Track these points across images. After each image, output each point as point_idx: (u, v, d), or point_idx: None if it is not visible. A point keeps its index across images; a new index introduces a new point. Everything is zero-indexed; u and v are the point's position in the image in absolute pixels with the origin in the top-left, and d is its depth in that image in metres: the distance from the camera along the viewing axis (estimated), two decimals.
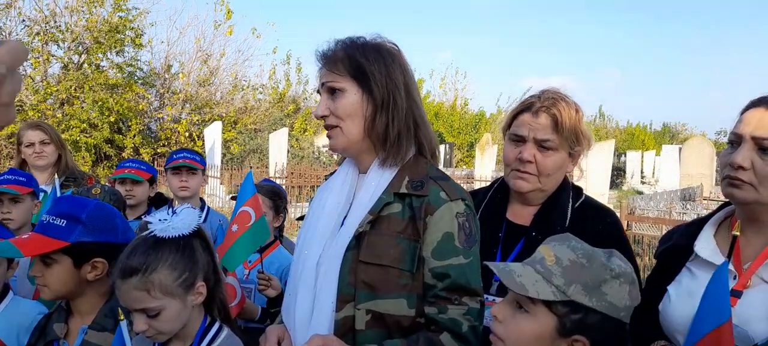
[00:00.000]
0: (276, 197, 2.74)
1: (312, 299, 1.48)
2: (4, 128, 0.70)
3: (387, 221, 1.48)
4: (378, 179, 1.54)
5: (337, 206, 1.56)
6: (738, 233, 1.38)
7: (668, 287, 1.55)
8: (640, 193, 17.66)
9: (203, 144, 16.04)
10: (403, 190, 1.50)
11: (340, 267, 1.45)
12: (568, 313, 1.25)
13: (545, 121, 1.76)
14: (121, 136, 17.61)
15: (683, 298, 1.50)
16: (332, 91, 1.52)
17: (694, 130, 42.42)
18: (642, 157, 27.16)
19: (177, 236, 1.52)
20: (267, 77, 23.77)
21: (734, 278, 1.44)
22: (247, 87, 22.37)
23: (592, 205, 1.88)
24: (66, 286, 1.70)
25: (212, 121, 16.96)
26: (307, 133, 22.02)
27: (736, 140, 1.45)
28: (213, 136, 14.98)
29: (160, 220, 1.54)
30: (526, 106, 1.82)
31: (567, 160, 1.83)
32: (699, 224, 1.62)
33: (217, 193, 13.36)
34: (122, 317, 1.58)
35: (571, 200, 1.85)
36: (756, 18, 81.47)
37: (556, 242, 1.33)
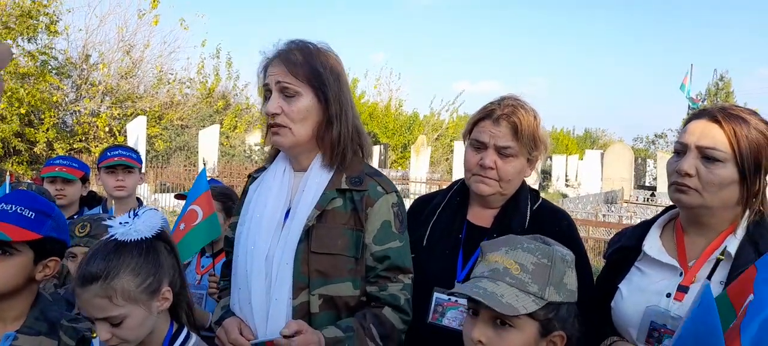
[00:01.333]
0: (226, 199, 2.67)
1: (266, 290, 1.60)
2: None
3: (332, 214, 1.64)
4: (319, 177, 1.68)
5: (279, 203, 1.68)
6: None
7: (620, 285, 1.67)
8: (565, 196, 18.44)
9: (125, 139, 15.21)
10: (344, 186, 1.67)
11: (293, 259, 1.59)
12: (547, 314, 1.31)
13: (506, 129, 1.82)
14: (32, 129, 16.34)
15: (634, 294, 1.63)
16: (286, 92, 1.62)
17: (613, 136, 44.95)
18: (566, 161, 28.41)
19: (139, 239, 1.47)
20: (195, 71, 22.84)
21: (681, 275, 1.58)
22: (174, 81, 21.40)
23: (548, 208, 1.97)
24: (15, 281, 1.58)
25: (135, 116, 16.16)
26: (237, 131, 21.36)
27: (681, 149, 1.58)
28: (136, 131, 14.31)
29: (120, 223, 1.48)
30: (486, 113, 1.88)
31: (526, 165, 1.90)
32: (645, 226, 1.76)
33: (142, 193, 12.66)
34: (94, 335, 1.50)
35: (529, 203, 1.92)
36: (668, 34, 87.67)
37: (507, 248, 1.36)
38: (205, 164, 13.91)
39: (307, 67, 1.63)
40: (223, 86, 23.54)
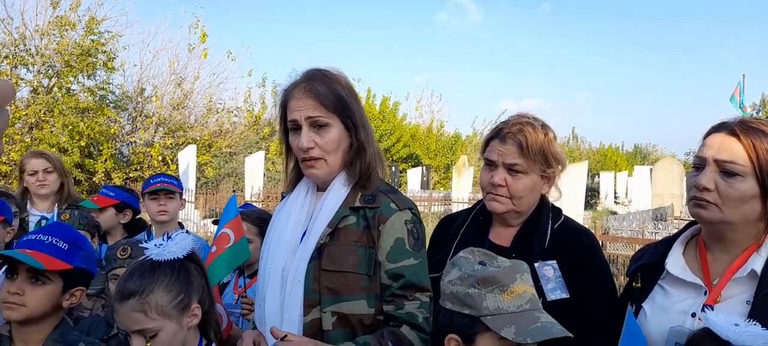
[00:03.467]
0: (263, 223, 2.72)
1: (280, 306, 1.64)
2: None
3: (344, 232, 1.65)
4: (336, 196, 1.70)
5: (299, 222, 1.72)
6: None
7: (643, 305, 1.62)
8: (614, 213, 17.92)
9: (177, 168, 15.81)
10: (358, 203, 1.67)
11: (304, 276, 1.61)
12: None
13: (512, 147, 1.84)
14: (91, 160, 17.25)
15: (658, 314, 1.58)
16: (318, 126, 1.65)
17: (664, 151, 43.45)
18: (615, 177, 27.67)
19: (172, 259, 1.60)
20: (242, 100, 23.70)
21: (705, 294, 1.52)
22: (222, 110, 22.24)
23: (571, 226, 1.93)
24: (43, 308, 1.69)
25: (186, 145, 16.76)
26: (283, 156, 21.83)
27: (700, 164, 1.54)
28: (187, 159, 14.80)
29: (155, 245, 1.63)
30: (495, 133, 1.91)
31: (539, 181, 1.89)
32: (668, 242, 1.70)
33: (191, 217, 13.12)
34: None
35: (550, 222, 1.90)
36: (719, 45, 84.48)
37: (523, 272, 1.43)
38: (234, 191, 14.19)
39: (333, 96, 1.65)
40: (269, 113, 24.24)
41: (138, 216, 3.42)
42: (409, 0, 79.65)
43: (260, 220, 2.75)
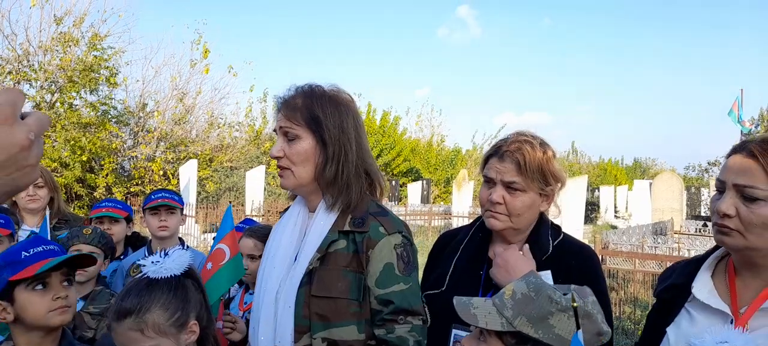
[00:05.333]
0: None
1: (273, 330, 1.64)
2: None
3: (334, 256, 1.65)
4: (325, 219, 1.70)
5: (291, 244, 1.73)
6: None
7: (667, 329, 1.54)
8: (614, 227, 17.92)
9: (178, 182, 15.85)
10: (347, 227, 1.67)
11: (294, 302, 1.61)
12: (516, 344, 1.33)
13: (510, 165, 1.84)
14: (93, 175, 17.30)
15: (681, 341, 1.49)
16: (288, 136, 1.68)
17: (664, 165, 43.46)
18: (615, 192, 27.67)
19: (169, 276, 1.59)
20: (243, 115, 23.80)
21: (731, 323, 1.42)
22: (223, 125, 22.31)
23: (570, 242, 1.94)
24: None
25: (187, 160, 16.80)
26: None
27: (721, 188, 1.45)
28: (188, 174, 14.84)
29: (152, 262, 1.61)
30: (494, 151, 1.92)
31: (538, 199, 1.89)
32: (697, 262, 1.60)
33: (192, 232, 13.15)
34: None
35: (550, 239, 1.91)
36: (718, 59, 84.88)
37: (526, 277, 1.42)
38: (230, 202, 14.16)
39: (306, 111, 1.67)
40: (270, 128, 24.25)
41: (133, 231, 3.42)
42: (411, 15, 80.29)
43: (267, 236, 2.76)
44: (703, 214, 23.66)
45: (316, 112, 1.67)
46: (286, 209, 1.89)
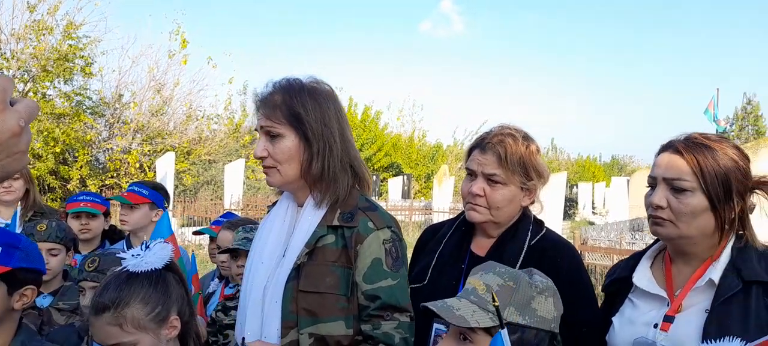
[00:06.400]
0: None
1: (260, 325, 1.63)
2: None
3: (322, 251, 1.64)
4: (313, 214, 1.69)
5: (280, 238, 1.71)
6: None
7: (613, 318, 1.68)
8: (592, 224, 18.15)
9: (155, 175, 15.59)
10: (336, 222, 1.66)
11: (282, 297, 1.60)
12: (507, 335, 1.33)
13: (491, 157, 1.84)
14: (66, 167, 16.91)
15: (625, 327, 1.64)
16: (271, 135, 1.65)
17: (641, 162, 44.14)
18: (593, 188, 28.02)
19: (149, 270, 1.56)
20: (222, 107, 23.47)
21: (667, 305, 1.58)
22: (202, 117, 21.98)
23: (552, 239, 1.93)
24: None
25: (164, 152, 16.53)
26: None
27: (652, 183, 1.61)
28: (165, 167, 14.62)
29: (133, 255, 1.58)
30: (477, 143, 1.92)
31: (519, 193, 1.88)
32: (638, 256, 1.76)
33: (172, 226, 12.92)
34: None
35: (529, 234, 1.89)
36: (695, 60, 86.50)
37: (482, 271, 1.44)
38: (166, 208, 13.83)
39: (286, 108, 1.64)
40: (249, 121, 24.02)
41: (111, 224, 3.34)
42: (393, 9, 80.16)
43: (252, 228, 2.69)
44: None
45: (297, 108, 1.64)
46: (274, 204, 1.87)
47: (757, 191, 1.57)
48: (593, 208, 26.70)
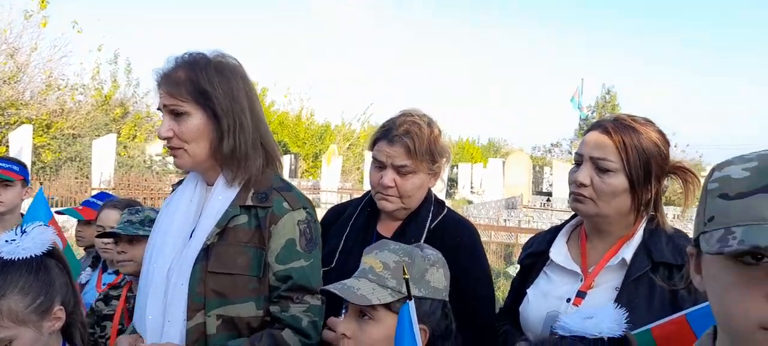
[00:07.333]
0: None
1: (163, 309, 1.56)
2: None
3: (234, 232, 1.58)
4: (224, 193, 1.62)
5: (187, 219, 1.64)
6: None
7: (527, 290, 1.72)
8: (470, 202, 19.19)
9: (7, 150, 13.92)
10: (249, 202, 1.60)
11: (189, 279, 1.54)
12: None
13: (400, 149, 1.84)
14: None
15: (539, 299, 1.68)
16: (176, 114, 1.56)
17: (514, 145, 47.29)
18: (471, 169, 29.54)
19: (28, 257, 1.40)
20: (89, 77, 21.38)
21: (581, 280, 1.63)
22: (65, 87, 19.91)
23: (452, 218, 1.99)
24: None
25: (19, 125, 14.83)
26: (137, 140, 20.22)
27: (579, 160, 1.63)
28: (20, 141, 13.16)
29: (6, 241, 1.41)
30: (383, 133, 1.90)
31: (427, 178, 1.92)
32: (555, 231, 1.80)
33: (24, 206, 11.62)
34: None
35: (431, 215, 1.94)
36: (566, 50, 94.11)
37: (377, 249, 1.48)
38: (41, 183, 12.95)
39: (191, 85, 1.56)
40: (121, 93, 22.20)
41: None
42: None
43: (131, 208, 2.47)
44: (545, 190, 26.23)
45: (203, 84, 1.55)
46: (179, 182, 1.78)
47: (672, 175, 1.62)
48: (471, 187, 28.20)
